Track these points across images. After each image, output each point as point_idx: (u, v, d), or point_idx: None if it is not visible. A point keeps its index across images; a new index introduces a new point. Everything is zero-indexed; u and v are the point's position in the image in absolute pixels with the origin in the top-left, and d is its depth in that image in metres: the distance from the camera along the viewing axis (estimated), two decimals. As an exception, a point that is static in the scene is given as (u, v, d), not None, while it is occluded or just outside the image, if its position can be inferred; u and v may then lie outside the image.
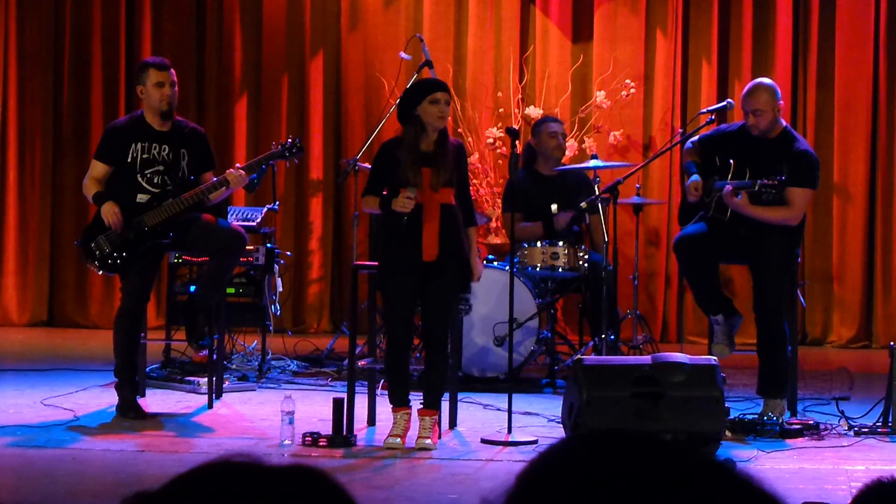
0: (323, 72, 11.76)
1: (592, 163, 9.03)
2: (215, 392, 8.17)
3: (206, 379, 8.23)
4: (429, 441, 7.02)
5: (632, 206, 9.95)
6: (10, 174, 11.91)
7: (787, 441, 7.26)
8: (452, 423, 7.59)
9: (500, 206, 10.60)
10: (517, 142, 7.65)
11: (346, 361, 8.56)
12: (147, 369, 8.56)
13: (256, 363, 9.39)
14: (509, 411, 7.25)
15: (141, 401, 7.92)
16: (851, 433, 7.42)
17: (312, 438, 7.02)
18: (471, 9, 11.58)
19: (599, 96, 11.19)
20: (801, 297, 8.78)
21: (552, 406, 7.90)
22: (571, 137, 10.91)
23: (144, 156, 7.72)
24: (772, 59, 11.32)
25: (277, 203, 9.72)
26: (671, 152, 10.55)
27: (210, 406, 8.05)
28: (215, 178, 7.73)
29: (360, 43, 11.69)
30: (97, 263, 7.76)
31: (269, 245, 9.29)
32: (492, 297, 8.76)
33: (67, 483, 6.23)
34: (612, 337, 8.77)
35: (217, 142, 10.84)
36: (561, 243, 8.93)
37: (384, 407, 7.37)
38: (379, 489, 6.25)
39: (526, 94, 11.38)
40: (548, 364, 9.16)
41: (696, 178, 7.76)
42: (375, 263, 7.45)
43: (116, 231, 7.65)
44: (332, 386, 8.84)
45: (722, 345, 7.86)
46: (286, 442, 7.01)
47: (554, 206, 9.13)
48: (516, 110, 11.29)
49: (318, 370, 9.46)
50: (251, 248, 8.97)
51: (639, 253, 10.14)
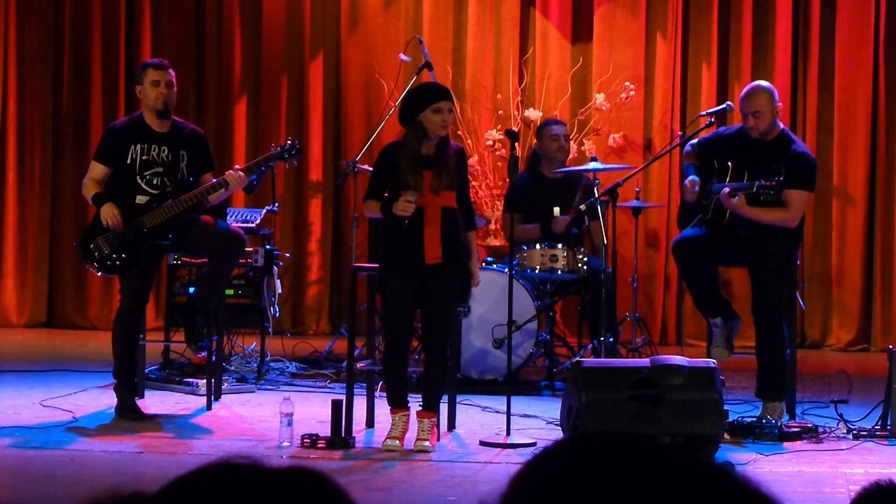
0: (322, 73, 11.76)
1: (592, 165, 9.03)
2: (214, 393, 8.16)
3: (204, 380, 8.22)
4: (427, 443, 7.01)
5: (631, 209, 9.94)
6: (10, 175, 11.91)
7: (786, 444, 7.25)
8: (451, 426, 7.58)
9: (500, 208, 10.60)
10: (517, 144, 7.64)
11: (344, 363, 8.56)
12: (146, 371, 8.56)
13: (255, 365, 9.38)
14: (508, 413, 7.23)
15: (140, 402, 7.91)
16: (850, 436, 7.40)
17: (311, 440, 7.01)
18: (470, 11, 11.58)
19: (599, 98, 11.19)
20: (800, 299, 8.78)
21: (551, 408, 7.90)
22: (571, 139, 10.90)
23: (144, 157, 7.72)
24: (771, 61, 11.32)
25: (277, 204, 9.73)
26: (670, 155, 10.55)
27: (209, 407, 8.04)
28: (214, 180, 7.72)
29: (359, 44, 11.69)
30: (96, 265, 7.75)
31: (268, 246, 9.28)
32: (491, 299, 8.76)
33: (66, 484, 6.22)
34: (611, 339, 8.78)
35: (216, 143, 10.84)
36: (560, 245, 8.93)
37: (383, 409, 7.36)
38: (377, 491, 6.24)
39: (525, 96, 11.37)
40: (547, 366, 9.15)
41: (693, 177, 7.76)
42: (375, 265, 7.44)
43: (116, 232, 7.65)
44: (330, 388, 8.83)
45: (721, 347, 7.85)
46: (285, 444, 7.00)
47: (556, 209, 9.13)
48: (516, 112, 11.29)
49: (317, 372, 9.45)
50: (250, 249, 8.97)
51: (638, 255, 10.14)
